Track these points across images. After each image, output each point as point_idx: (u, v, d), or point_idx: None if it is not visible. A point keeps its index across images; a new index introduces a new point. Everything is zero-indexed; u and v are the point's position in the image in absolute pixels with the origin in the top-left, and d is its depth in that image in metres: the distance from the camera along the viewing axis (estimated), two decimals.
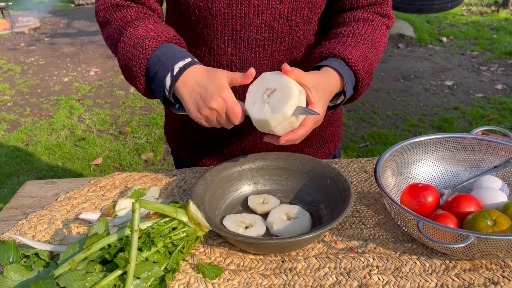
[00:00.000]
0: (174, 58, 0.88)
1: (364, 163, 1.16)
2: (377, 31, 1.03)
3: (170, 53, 0.89)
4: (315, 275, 0.79)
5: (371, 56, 0.99)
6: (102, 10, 0.99)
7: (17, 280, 0.72)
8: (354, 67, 0.95)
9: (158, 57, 0.89)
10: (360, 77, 0.96)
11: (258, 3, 0.94)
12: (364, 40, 0.99)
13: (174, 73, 0.87)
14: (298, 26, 1.00)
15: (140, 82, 0.92)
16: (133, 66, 0.90)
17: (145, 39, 0.90)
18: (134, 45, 0.90)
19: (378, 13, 1.05)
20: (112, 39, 0.97)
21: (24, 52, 6.18)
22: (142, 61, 0.89)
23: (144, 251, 0.75)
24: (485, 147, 0.98)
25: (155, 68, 0.89)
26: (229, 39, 0.98)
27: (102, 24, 1.01)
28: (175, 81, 0.87)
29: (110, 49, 1.00)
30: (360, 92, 1.00)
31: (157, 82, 0.90)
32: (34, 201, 1.08)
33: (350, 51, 0.95)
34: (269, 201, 0.98)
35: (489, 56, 5.25)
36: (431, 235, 0.78)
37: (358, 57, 0.95)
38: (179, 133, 1.24)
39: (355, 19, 1.03)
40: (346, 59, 0.94)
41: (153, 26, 0.93)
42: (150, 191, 1.06)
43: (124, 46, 0.92)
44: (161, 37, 0.91)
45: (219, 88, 0.84)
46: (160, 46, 0.90)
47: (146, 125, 3.88)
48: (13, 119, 4.12)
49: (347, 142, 3.45)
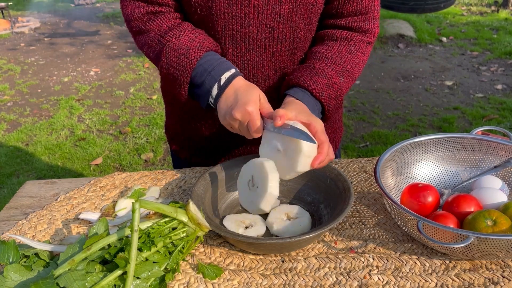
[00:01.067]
0: (220, 69, 0.94)
1: (364, 163, 1.16)
2: (354, 50, 1.04)
3: (216, 63, 0.95)
4: (315, 275, 0.79)
5: (341, 80, 1.01)
6: (134, 20, 1.02)
7: (17, 280, 0.72)
8: (319, 96, 0.98)
9: (204, 67, 0.95)
10: (325, 104, 0.99)
11: (259, 3, 0.94)
12: (334, 63, 1.01)
13: (221, 83, 0.93)
14: (299, 27, 1.00)
15: (184, 89, 0.97)
16: (179, 75, 0.96)
17: (189, 49, 0.95)
18: (179, 56, 0.95)
19: (360, 29, 1.04)
20: (149, 47, 1.01)
21: (24, 52, 6.18)
22: (188, 72, 0.95)
23: (144, 251, 0.75)
24: (485, 147, 0.98)
25: (202, 78, 0.95)
26: (230, 40, 0.99)
27: (135, 32, 1.04)
28: (222, 91, 0.93)
29: (147, 55, 1.04)
30: (328, 116, 1.03)
31: (203, 90, 0.95)
32: (34, 201, 1.08)
33: (315, 81, 0.98)
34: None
35: (489, 56, 5.25)
36: (431, 235, 0.78)
37: (323, 86, 0.98)
38: (180, 133, 1.24)
39: (333, 38, 1.04)
40: (310, 89, 0.97)
41: (194, 36, 0.97)
42: (150, 191, 1.06)
43: (168, 55, 0.97)
44: (204, 46, 0.96)
45: (247, 102, 0.88)
46: (204, 55, 0.95)
47: (146, 125, 3.88)
48: (13, 119, 4.12)
49: (347, 142, 3.45)
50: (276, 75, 1.04)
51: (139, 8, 1.00)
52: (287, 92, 1.00)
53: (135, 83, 4.88)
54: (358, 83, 4.59)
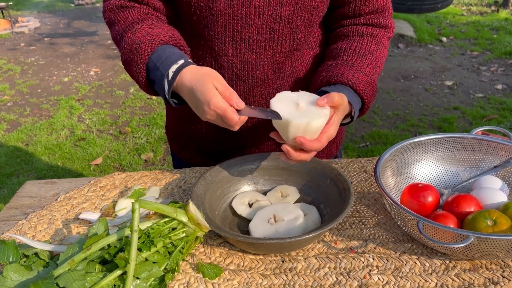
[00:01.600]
0: (168, 62, 0.90)
1: (364, 163, 1.16)
2: (380, 46, 1.05)
3: (164, 57, 0.91)
4: (315, 275, 0.79)
5: (375, 76, 1.02)
6: (108, 11, 1.01)
7: (16, 280, 0.72)
8: (362, 94, 0.98)
9: (154, 63, 0.91)
10: (366, 101, 1.00)
11: (259, 4, 0.94)
12: (369, 60, 1.01)
13: (169, 78, 0.89)
14: (299, 29, 1.00)
15: (146, 86, 0.95)
16: (136, 72, 0.93)
17: (141, 43, 0.92)
18: (132, 51, 0.93)
19: (380, 25, 1.06)
20: (116, 41, 1.00)
21: (24, 52, 6.19)
22: (141, 67, 0.92)
23: (143, 251, 0.75)
24: (485, 147, 0.98)
25: (153, 74, 0.92)
26: (230, 40, 0.98)
27: (108, 24, 1.03)
28: (170, 86, 0.89)
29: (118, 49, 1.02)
30: (364, 113, 1.04)
31: (158, 86, 0.92)
32: (34, 201, 1.08)
33: (358, 78, 0.98)
34: (288, 193, 1.00)
35: (489, 56, 5.25)
36: (431, 235, 0.78)
37: (365, 83, 0.98)
38: (180, 133, 1.24)
39: (359, 34, 1.05)
40: (354, 87, 0.97)
41: (150, 29, 0.95)
42: (150, 191, 1.06)
43: (125, 51, 0.95)
44: (156, 40, 0.92)
45: (206, 101, 0.84)
46: (155, 50, 0.92)
47: (146, 125, 3.88)
48: (13, 119, 4.12)
49: (347, 142, 3.45)
50: (275, 76, 1.04)
51: (115, 1, 0.99)
52: (327, 89, 0.97)
53: (135, 83, 4.88)
54: None
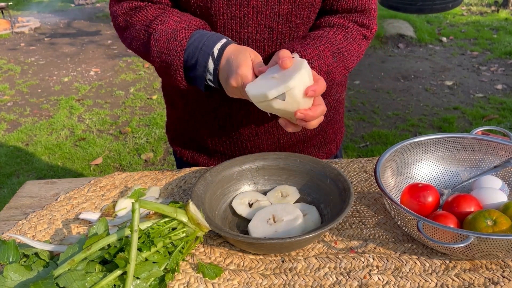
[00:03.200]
0: (211, 42, 0.90)
1: (364, 163, 1.16)
2: (350, 38, 1.01)
3: (205, 38, 0.91)
4: (315, 275, 0.79)
5: (334, 59, 0.98)
6: (121, 14, 1.00)
7: (16, 280, 0.72)
8: (309, 64, 0.94)
9: (194, 46, 0.90)
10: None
11: (257, 4, 0.94)
12: (328, 43, 0.98)
13: (215, 56, 0.89)
14: (298, 27, 1.00)
15: (179, 74, 0.93)
16: (172, 60, 0.91)
17: (176, 31, 0.91)
18: (168, 40, 0.91)
19: (356, 22, 1.03)
20: (138, 40, 0.98)
21: (24, 52, 6.19)
22: (180, 54, 0.91)
23: (143, 251, 0.75)
24: (485, 147, 0.98)
25: (195, 57, 0.90)
26: None
27: (122, 28, 1.01)
28: (218, 63, 0.89)
29: (136, 51, 1.01)
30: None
31: (199, 69, 0.91)
32: (34, 201, 1.08)
33: (306, 49, 0.95)
34: (288, 193, 1.00)
35: (489, 56, 5.25)
36: (431, 235, 0.78)
37: (314, 55, 0.95)
38: (181, 133, 1.24)
39: (330, 24, 1.02)
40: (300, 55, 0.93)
41: (178, 18, 0.94)
42: (150, 191, 1.06)
43: (157, 43, 0.93)
44: (191, 25, 0.93)
45: (238, 65, 0.85)
46: (192, 34, 0.92)
47: (146, 125, 3.88)
48: (13, 119, 4.12)
49: (347, 142, 3.45)
50: None
51: (128, 4, 0.99)
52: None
53: (135, 83, 4.88)
54: (358, 83, 4.59)
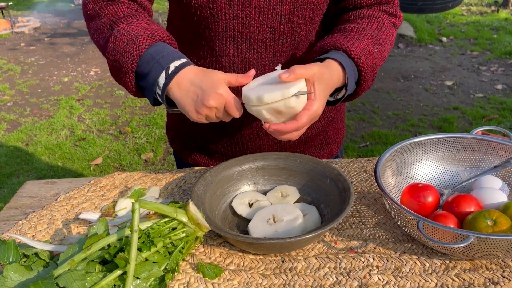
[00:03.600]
0: (170, 57, 0.88)
1: (364, 163, 1.16)
2: (383, 28, 1.01)
3: (165, 52, 0.89)
4: (315, 275, 0.79)
5: (376, 51, 0.97)
6: (92, 2, 0.97)
7: (16, 280, 0.72)
8: (357, 60, 0.93)
9: (152, 55, 0.88)
10: (363, 70, 0.94)
11: (260, 4, 0.94)
12: (368, 35, 0.97)
13: (169, 71, 0.87)
14: (300, 27, 1.00)
15: (129, 79, 0.90)
16: (124, 62, 0.89)
17: (138, 35, 0.89)
18: (127, 41, 0.89)
19: (384, 11, 1.03)
20: (100, 33, 0.95)
21: (24, 52, 6.19)
22: (134, 58, 0.88)
23: (143, 251, 0.75)
24: (485, 147, 0.98)
25: (148, 66, 0.88)
26: (231, 40, 0.98)
27: (90, 17, 0.98)
28: (169, 80, 0.87)
29: (96, 43, 0.98)
30: (363, 87, 0.97)
31: (149, 80, 0.88)
32: (34, 201, 1.08)
33: (353, 44, 0.93)
34: (288, 193, 1.00)
35: (489, 56, 5.25)
36: (431, 235, 0.78)
37: (361, 50, 0.93)
38: (181, 133, 1.24)
39: (360, 16, 1.02)
40: (348, 51, 0.92)
41: (147, 24, 0.93)
42: (150, 191, 1.06)
43: (116, 41, 0.90)
44: (156, 35, 0.90)
45: (214, 85, 0.84)
46: (154, 44, 0.90)
47: (146, 125, 3.88)
48: (13, 119, 4.12)
49: (347, 142, 3.45)
50: None
51: None
52: (322, 56, 0.93)
53: None
54: None
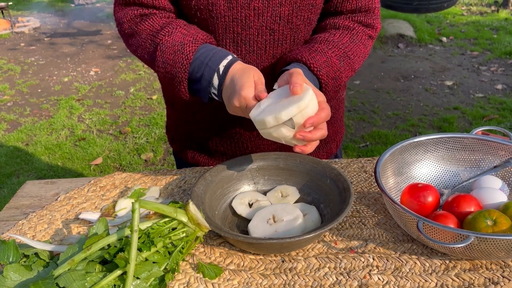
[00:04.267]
0: (217, 58, 0.91)
1: (364, 163, 1.16)
2: (356, 40, 1.02)
3: (211, 53, 0.92)
4: (315, 275, 0.79)
5: (342, 64, 0.98)
6: (127, 22, 1.00)
7: (16, 280, 0.72)
8: (316, 72, 0.95)
9: (200, 60, 0.92)
10: (323, 82, 0.96)
11: (259, 6, 0.94)
12: (335, 47, 0.99)
13: (220, 72, 0.90)
14: (299, 28, 1.00)
15: (184, 86, 0.94)
16: (177, 72, 0.93)
17: (183, 45, 0.93)
18: (174, 52, 0.93)
19: (361, 22, 1.03)
20: (143, 49, 0.99)
21: (24, 52, 6.19)
22: (185, 67, 0.92)
23: (143, 251, 0.75)
24: (485, 147, 0.98)
25: (200, 71, 0.92)
26: (231, 42, 0.99)
27: (128, 35, 1.02)
28: (223, 80, 0.90)
29: (141, 58, 1.01)
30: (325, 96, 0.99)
31: (203, 83, 0.93)
32: (34, 201, 1.08)
33: (314, 57, 0.96)
34: (288, 193, 1.00)
35: (489, 56, 5.25)
36: (431, 235, 0.78)
37: (322, 63, 0.96)
38: (181, 133, 1.24)
39: (335, 26, 1.03)
40: (307, 63, 0.95)
41: (186, 31, 0.96)
42: (150, 191, 1.06)
43: (163, 54, 0.94)
44: (198, 40, 0.94)
45: (241, 87, 0.86)
46: (199, 48, 0.93)
47: (146, 125, 3.88)
48: (13, 119, 4.12)
49: (347, 142, 3.45)
50: (276, 77, 1.04)
51: (133, 11, 0.99)
52: (284, 68, 0.97)
53: (135, 83, 4.89)
54: (358, 83, 4.59)
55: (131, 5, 1.00)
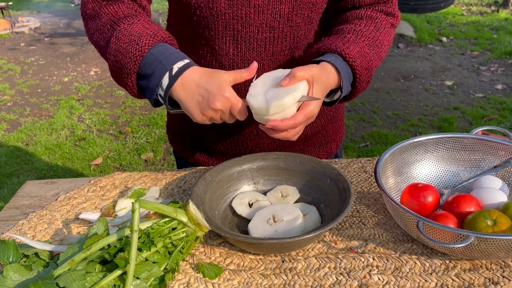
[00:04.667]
0: (173, 58, 0.88)
1: (364, 163, 1.16)
2: (380, 28, 1.02)
3: (168, 52, 0.89)
4: (315, 275, 0.79)
5: (372, 53, 0.98)
6: (91, 2, 0.97)
7: (16, 280, 0.72)
8: (351, 62, 0.94)
9: (155, 56, 0.88)
10: (357, 72, 0.95)
11: (259, 3, 0.94)
12: (364, 36, 0.98)
13: (172, 72, 0.87)
14: (299, 26, 1.00)
15: (131, 80, 0.90)
16: (126, 62, 0.88)
17: (141, 36, 0.89)
18: (129, 42, 0.89)
19: (382, 11, 1.04)
20: (101, 33, 0.95)
21: (24, 52, 6.18)
22: (137, 58, 0.88)
23: (143, 251, 0.75)
24: (485, 147, 0.98)
25: (151, 67, 0.88)
26: (231, 40, 0.98)
27: (89, 16, 0.98)
28: (173, 81, 0.87)
29: (96, 43, 0.97)
30: (358, 88, 0.99)
31: (152, 81, 0.88)
32: (34, 201, 1.08)
33: (348, 47, 0.94)
34: (288, 193, 1.00)
35: (489, 56, 5.25)
36: (431, 235, 0.78)
37: (356, 53, 0.94)
38: (181, 132, 1.24)
39: (358, 17, 1.03)
40: (343, 54, 0.93)
41: (148, 25, 0.93)
42: (150, 191, 1.06)
43: (117, 41, 0.90)
44: (158, 35, 0.90)
45: (220, 88, 0.85)
46: (156, 44, 0.90)
47: (146, 125, 3.88)
48: (13, 119, 4.12)
49: (347, 142, 3.45)
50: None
51: None
52: (317, 58, 0.95)
53: None
54: None
55: None
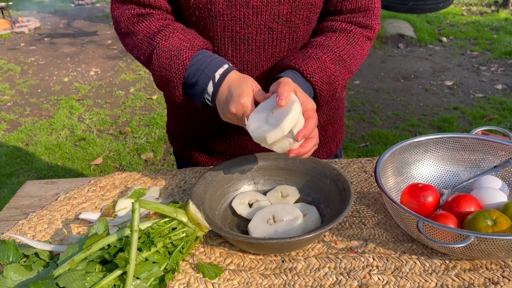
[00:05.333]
0: (213, 66, 0.93)
1: (364, 163, 1.16)
2: (352, 42, 1.02)
3: (208, 60, 0.94)
4: (315, 275, 0.79)
5: (337, 67, 0.99)
6: (124, 21, 1.00)
7: (16, 280, 0.72)
8: (309, 78, 0.96)
9: (196, 67, 0.93)
10: (317, 87, 0.97)
11: (257, 4, 0.94)
12: (330, 51, 0.99)
13: (215, 80, 0.92)
14: (298, 27, 1.00)
15: (178, 90, 0.96)
16: (172, 77, 0.94)
17: (180, 50, 0.94)
18: (171, 57, 0.94)
19: (358, 24, 1.03)
20: (140, 50, 0.99)
21: (24, 52, 6.19)
22: (181, 73, 0.94)
23: (143, 251, 0.75)
24: (485, 147, 0.98)
25: (195, 77, 0.93)
26: (229, 41, 0.99)
27: (124, 34, 1.03)
28: (217, 89, 0.92)
29: (137, 58, 1.02)
30: (320, 102, 1.00)
31: (198, 89, 0.94)
32: (34, 201, 1.08)
33: (307, 63, 0.96)
34: (288, 193, 1.00)
35: (489, 56, 5.25)
36: (431, 235, 0.78)
37: (315, 68, 0.96)
38: (181, 132, 1.24)
39: (332, 29, 1.03)
40: (300, 70, 0.96)
41: (183, 36, 0.96)
42: (150, 191, 1.06)
43: (159, 58, 0.95)
44: (194, 46, 0.95)
45: (240, 94, 0.87)
46: (195, 55, 0.94)
47: (146, 125, 3.88)
48: (13, 119, 4.12)
49: (347, 142, 3.45)
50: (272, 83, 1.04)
51: (130, 10, 0.99)
52: (278, 75, 0.98)
53: (135, 83, 4.88)
54: (358, 83, 4.59)
55: (128, 3, 1.00)
